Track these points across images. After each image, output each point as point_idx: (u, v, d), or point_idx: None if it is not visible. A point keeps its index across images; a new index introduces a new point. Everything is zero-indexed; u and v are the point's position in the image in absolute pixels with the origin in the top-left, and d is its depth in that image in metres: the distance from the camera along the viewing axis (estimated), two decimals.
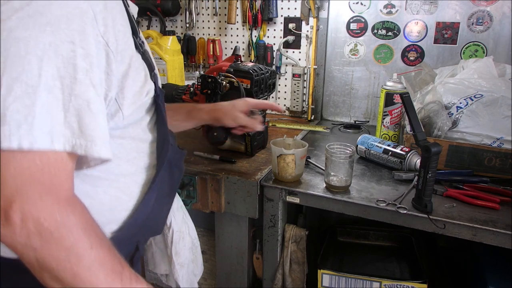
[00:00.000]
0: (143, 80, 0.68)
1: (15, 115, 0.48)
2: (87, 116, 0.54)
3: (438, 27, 1.57)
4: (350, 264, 1.33)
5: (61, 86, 0.52)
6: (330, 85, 1.81)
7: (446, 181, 1.15)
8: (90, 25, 0.55)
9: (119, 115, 0.64)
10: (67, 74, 0.52)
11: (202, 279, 1.38)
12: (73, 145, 0.52)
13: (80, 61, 0.53)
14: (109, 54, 0.58)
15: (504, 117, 1.17)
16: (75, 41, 0.53)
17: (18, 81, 0.49)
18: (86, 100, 0.54)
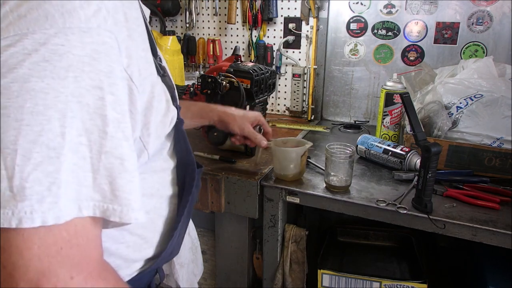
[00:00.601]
0: (165, 108, 0.59)
1: (37, 187, 0.40)
2: (121, 176, 0.46)
3: (438, 27, 1.57)
4: (350, 264, 1.33)
5: (88, 143, 0.43)
6: (330, 85, 1.81)
7: (446, 181, 1.15)
8: (117, 62, 0.46)
9: (145, 155, 0.56)
10: (95, 128, 0.44)
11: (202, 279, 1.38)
12: (104, 210, 0.45)
13: (110, 111, 0.44)
14: (133, 89, 0.49)
15: (504, 117, 1.17)
16: (103, 86, 0.44)
17: (37, 144, 0.40)
18: (119, 157, 0.45)
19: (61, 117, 0.41)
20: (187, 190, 0.68)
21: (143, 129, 0.54)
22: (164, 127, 0.59)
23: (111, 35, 0.45)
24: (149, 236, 0.65)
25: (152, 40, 0.58)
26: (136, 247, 0.63)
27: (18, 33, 0.40)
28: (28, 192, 0.39)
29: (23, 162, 0.39)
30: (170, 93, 0.62)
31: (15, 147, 0.39)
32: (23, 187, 0.39)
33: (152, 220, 0.65)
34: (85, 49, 0.43)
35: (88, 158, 0.43)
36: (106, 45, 0.45)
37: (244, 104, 1.26)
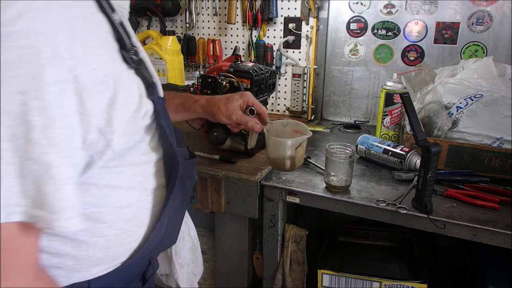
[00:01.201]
0: (137, 102, 0.59)
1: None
2: (47, 183, 0.46)
3: (438, 27, 1.57)
4: (350, 264, 1.33)
5: (13, 148, 0.43)
6: (330, 85, 1.81)
7: (446, 181, 1.15)
8: (49, 67, 0.44)
9: (109, 152, 0.55)
10: (19, 134, 0.43)
11: (202, 279, 1.38)
12: (33, 216, 0.46)
13: (34, 117, 0.44)
14: (82, 91, 0.48)
15: (504, 117, 1.17)
16: (27, 92, 0.43)
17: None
18: (44, 164, 0.45)
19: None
20: (172, 183, 0.69)
21: (105, 127, 0.53)
22: (135, 122, 0.59)
23: (41, 37, 0.44)
24: (133, 229, 0.65)
25: (120, 34, 0.57)
26: (118, 240, 0.63)
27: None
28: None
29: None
30: (146, 85, 0.61)
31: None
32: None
33: (136, 213, 0.65)
34: (7, 54, 0.42)
35: (13, 164, 0.44)
36: (33, 49, 0.43)
37: None
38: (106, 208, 0.60)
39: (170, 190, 0.68)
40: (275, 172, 1.24)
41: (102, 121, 0.52)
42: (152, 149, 0.66)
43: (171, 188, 0.68)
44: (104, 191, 0.59)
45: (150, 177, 0.66)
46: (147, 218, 0.67)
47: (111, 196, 0.60)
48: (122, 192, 0.61)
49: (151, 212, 0.67)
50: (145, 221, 0.67)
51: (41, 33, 0.44)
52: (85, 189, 0.57)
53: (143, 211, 0.66)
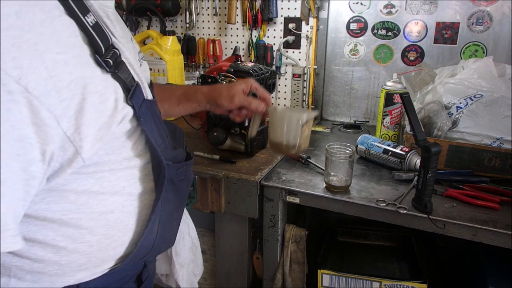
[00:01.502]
0: (112, 108, 0.56)
1: None
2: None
3: (438, 27, 1.57)
4: (350, 264, 1.33)
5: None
6: (330, 85, 1.81)
7: (446, 181, 1.15)
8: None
9: (78, 160, 0.53)
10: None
11: (202, 279, 1.38)
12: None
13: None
14: (33, 101, 0.46)
15: (504, 117, 1.17)
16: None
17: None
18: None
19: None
20: (159, 188, 0.67)
21: (74, 134, 0.51)
22: (109, 128, 0.56)
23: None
24: (117, 235, 0.64)
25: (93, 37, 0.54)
26: (101, 246, 0.62)
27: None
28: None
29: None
30: (125, 89, 0.59)
31: None
32: None
33: (120, 219, 0.63)
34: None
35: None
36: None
37: None
38: (85, 214, 0.59)
39: (157, 196, 0.67)
40: (275, 172, 1.24)
41: (70, 128, 0.50)
42: (137, 153, 0.64)
43: (159, 194, 0.67)
44: (83, 197, 0.58)
45: (136, 182, 0.65)
46: (133, 223, 0.66)
47: (92, 202, 0.59)
48: (104, 197, 0.60)
49: (137, 217, 0.66)
50: (130, 226, 0.65)
51: None
52: (61, 196, 0.56)
53: (128, 216, 0.65)
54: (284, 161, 1.33)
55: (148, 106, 0.63)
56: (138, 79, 0.63)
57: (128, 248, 0.66)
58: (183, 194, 0.76)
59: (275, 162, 1.31)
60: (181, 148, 0.77)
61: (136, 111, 0.60)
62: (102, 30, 0.56)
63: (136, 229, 0.66)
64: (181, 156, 0.75)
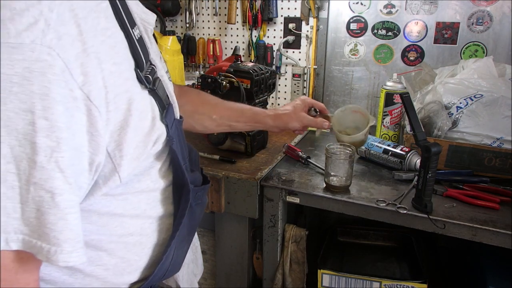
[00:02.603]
0: (149, 126, 0.54)
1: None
2: (50, 212, 0.42)
3: (438, 27, 1.57)
4: (350, 264, 1.33)
5: (16, 171, 0.40)
6: (330, 85, 1.81)
7: (446, 181, 1.15)
8: (58, 83, 0.41)
9: (115, 179, 0.51)
10: (23, 155, 0.40)
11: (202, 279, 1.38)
12: (32, 246, 0.42)
13: (41, 138, 0.40)
14: (93, 110, 0.44)
15: (504, 117, 1.17)
16: (34, 110, 0.39)
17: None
18: (49, 191, 0.41)
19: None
20: (181, 213, 0.63)
21: (115, 150, 0.49)
22: (145, 147, 0.53)
23: (51, 51, 0.40)
24: (134, 259, 0.60)
25: (137, 51, 0.53)
26: (117, 270, 0.59)
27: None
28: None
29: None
30: (161, 107, 0.57)
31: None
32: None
33: (138, 242, 0.60)
34: (14, 68, 0.38)
35: (17, 188, 0.40)
36: (42, 63, 0.39)
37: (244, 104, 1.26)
38: (106, 236, 0.56)
39: (179, 220, 0.63)
40: (275, 172, 1.24)
41: (112, 143, 0.48)
42: (161, 175, 0.61)
43: (180, 218, 0.63)
44: (104, 219, 0.55)
45: (157, 205, 0.61)
46: (150, 248, 0.62)
47: (112, 224, 0.56)
48: (124, 220, 0.57)
49: (155, 241, 0.62)
50: (147, 250, 0.62)
51: (52, 46, 0.40)
52: (85, 216, 0.52)
53: (146, 239, 0.61)
54: (284, 161, 1.33)
55: (177, 125, 0.61)
56: (170, 97, 0.61)
57: (142, 273, 0.63)
58: (196, 219, 0.73)
59: (275, 162, 1.31)
60: (197, 170, 0.74)
61: (168, 131, 0.58)
62: (144, 45, 0.55)
63: (152, 254, 0.63)
64: (199, 180, 0.72)
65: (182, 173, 0.62)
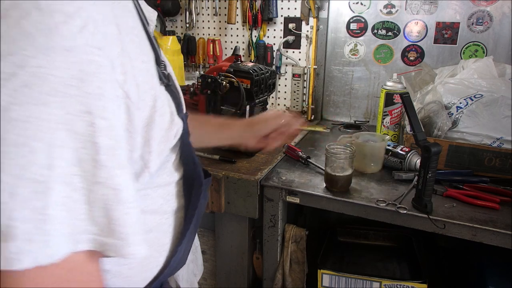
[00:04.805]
0: (169, 121, 0.54)
1: (24, 226, 0.37)
2: (116, 208, 0.43)
3: (438, 27, 1.57)
4: (350, 264, 1.33)
5: (81, 173, 0.40)
6: (330, 85, 1.81)
7: (446, 181, 1.15)
8: (109, 82, 0.41)
9: (145, 174, 0.52)
10: (87, 157, 0.40)
11: (202, 279, 1.38)
12: (101, 244, 0.42)
13: (101, 138, 0.40)
14: (131, 107, 0.45)
15: (504, 117, 1.17)
16: (93, 111, 0.40)
17: (22, 179, 0.36)
18: (113, 188, 0.42)
19: (47, 147, 0.37)
20: (193, 204, 0.64)
21: (144, 147, 0.50)
22: (167, 142, 0.54)
23: (100, 52, 0.41)
24: (155, 255, 0.61)
25: (155, 48, 0.53)
26: (140, 268, 0.59)
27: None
28: (15, 231, 0.36)
29: (9, 200, 0.36)
30: (176, 102, 0.58)
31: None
32: (10, 226, 0.36)
33: (156, 238, 0.60)
34: (71, 70, 0.38)
35: (81, 189, 0.40)
36: (95, 64, 0.40)
37: (244, 104, 1.26)
38: None
39: (192, 212, 0.64)
40: (275, 172, 1.24)
41: (141, 140, 0.49)
42: (175, 168, 0.61)
43: (193, 210, 0.63)
44: None
45: (171, 199, 0.62)
46: (168, 243, 0.62)
47: None
48: (144, 216, 0.57)
49: (171, 235, 0.62)
50: (166, 246, 0.62)
51: (101, 47, 0.41)
52: None
53: (164, 235, 0.61)
54: (284, 161, 1.33)
55: (186, 120, 0.63)
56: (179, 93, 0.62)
57: (161, 269, 0.62)
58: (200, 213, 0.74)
59: (275, 162, 1.31)
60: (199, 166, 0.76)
61: (184, 125, 0.59)
62: (156, 41, 0.55)
63: (170, 249, 0.63)
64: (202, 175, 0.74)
65: (195, 165, 0.64)
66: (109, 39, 0.42)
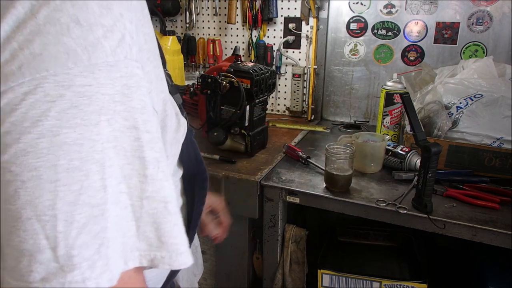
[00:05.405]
0: (176, 122, 0.53)
1: (85, 252, 0.35)
2: (166, 220, 0.41)
3: (438, 27, 1.57)
4: (350, 264, 1.33)
5: (127, 190, 0.39)
6: (330, 85, 1.81)
7: (446, 181, 1.15)
8: (147, 95, 0.40)
9: None
10: (134, 173, 0.39)
11: (202, 279, 1.38)
12: (151, 259, 0.41)
13: (148, 151, 0.39)
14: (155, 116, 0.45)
15: (504, 117, 1.17)
16: (138, 126, 0.39)
17: (78, 205, 0.35)
18: (162, 201, 0.41)
19: (100, 168, 0.36)
20: (200, 200, 0.63)
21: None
22: (177, 143, 0.54)
23: (138, 64, 0.39)
24: None
25: (161, 50, 0.52)
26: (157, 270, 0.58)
27: (35, 77, 0.33)
28: (77, 260, 0.35)
29: (66, 228, 0.34)
30: (178, 103, 0.57)
31: (54, 212, 0.34)
32: (71, 256, 0.34)
33: None
34: (115, 86, 0.37)
35: (129, 206, 0.39)
36: (136, 77, 0.39)
37: (244, 104, 1.26)
38: None
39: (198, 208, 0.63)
40: (275, 172, 1.24)
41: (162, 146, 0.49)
42: (178, 166, 0.61)
43: (200, 206, 0.63)
44: None
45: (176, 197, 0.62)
46: None
47: None
48: None
49: None
50: None
51: (138, 60, 0.40)
52: None
53: None
54: (284, 161, 1.33)
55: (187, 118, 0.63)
56: None
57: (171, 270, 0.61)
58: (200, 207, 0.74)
59: (275, 162, 1.31)
60: None
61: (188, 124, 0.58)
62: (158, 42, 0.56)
63: None
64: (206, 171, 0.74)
65: (199, 162, 0.63)
66: (141, 50, 0.41)
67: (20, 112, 0.33)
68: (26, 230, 0.33)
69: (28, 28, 0.33)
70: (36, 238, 0.33)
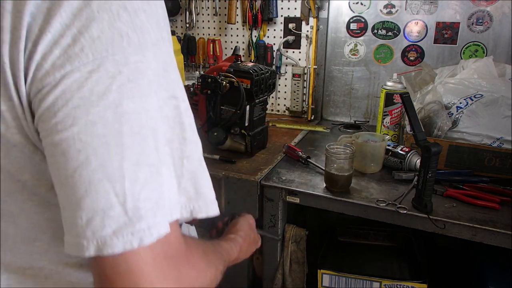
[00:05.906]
0: None
1: (148, 205, 0.41)
2: (202, 175, 0.49)
3: (438, 27, 1.57)
4: (350, 264, 1.33)
5: (170, 152, 0.45)
6: (330, 85, 1.81)
7: (446, 181, 1.15)
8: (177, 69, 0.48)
9: None
10: (175, 137, 0.45)
11: None
12: (191, 210, 0.47)
13: (185, 118, 0.46)
14: None
15: (504, 117, 1.17)
16: (177, 95, 0.46)
17: (140, 165, 0.41)
18: (198, 158, 0.48)
19: (153, 133, 0.42)
20: None
21: None
22: None
23: (170, 44, 0.46)
24: None
25: None
26: None
27: (97, 57, 0.39)
28: (143, 211, 0.40)
29: (132, 185, 0.40)
30: None
31: (122, 172, 0.39)
32: (138, 208, 0.40)
33: None
34: (158, 62, 0.43)
35: (171, 165, 0.45)
36: (171, 55, 0.46)
37: (244, 104, 1.26)
38: None
39: None
40: (275, 172, 1.24)
41: None
42: None
43: None
44: None
45: None
46: None
47: None
48: None
49: None
50: None
51: (169, 40, 0.47)
52: None
53: None
54: (284, 161, 1.33)
55: None
56: None
57: None
58: None
59: (275, 162, 1.31)
60: None
61: None
62: None
63: None
64: None
65: None
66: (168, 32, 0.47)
67: (87, 88, 0.38)
68: (98, 191, 0.38)
69: (84, 16, 0.38)
70: (107, 197, 0.38)
